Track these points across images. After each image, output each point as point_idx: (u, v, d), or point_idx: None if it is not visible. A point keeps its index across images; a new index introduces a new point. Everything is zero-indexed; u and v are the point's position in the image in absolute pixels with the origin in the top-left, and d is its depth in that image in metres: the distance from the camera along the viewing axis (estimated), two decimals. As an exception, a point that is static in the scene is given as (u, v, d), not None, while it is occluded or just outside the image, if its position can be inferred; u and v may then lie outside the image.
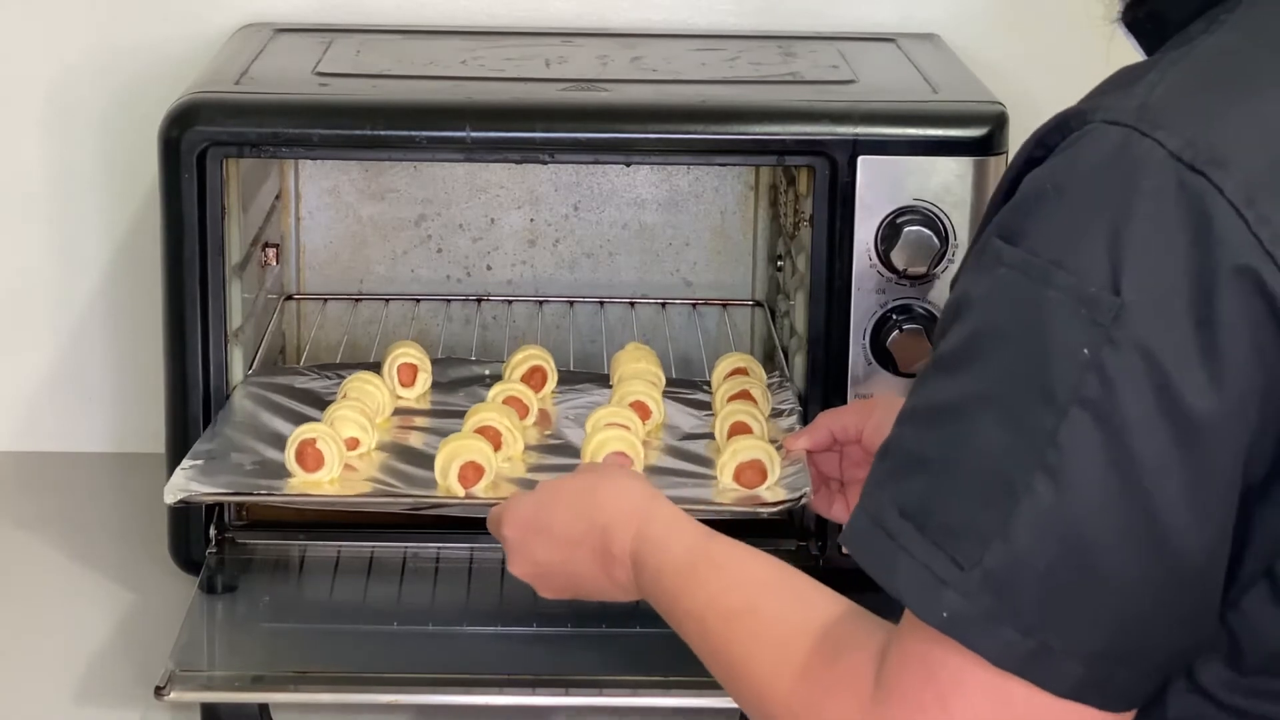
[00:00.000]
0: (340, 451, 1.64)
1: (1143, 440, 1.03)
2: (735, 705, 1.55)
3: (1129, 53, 1.28)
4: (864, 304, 1.72)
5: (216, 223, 1.72)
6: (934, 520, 1.08)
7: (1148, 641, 1.07)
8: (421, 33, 2.04)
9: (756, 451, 1.63)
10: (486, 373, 1.90)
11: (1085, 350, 1.04)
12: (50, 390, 2.13)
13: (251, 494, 1.63)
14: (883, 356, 1.72)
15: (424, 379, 1.85)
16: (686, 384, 1.89)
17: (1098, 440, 1.04)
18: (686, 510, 1.48)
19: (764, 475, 1.62)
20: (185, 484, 1.61)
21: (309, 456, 1.63)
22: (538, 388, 1.83)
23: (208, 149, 1.70)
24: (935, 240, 1.70)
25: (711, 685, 1.53)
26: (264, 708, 1.59)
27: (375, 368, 1.86)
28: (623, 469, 1.49)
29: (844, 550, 1.15)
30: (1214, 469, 1.04)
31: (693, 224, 2.11)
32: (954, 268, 1.70)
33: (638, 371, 1.84)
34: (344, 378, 1.82)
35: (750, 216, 2.11)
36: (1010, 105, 1.74)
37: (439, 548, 1.78)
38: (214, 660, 1.63)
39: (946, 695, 1.08)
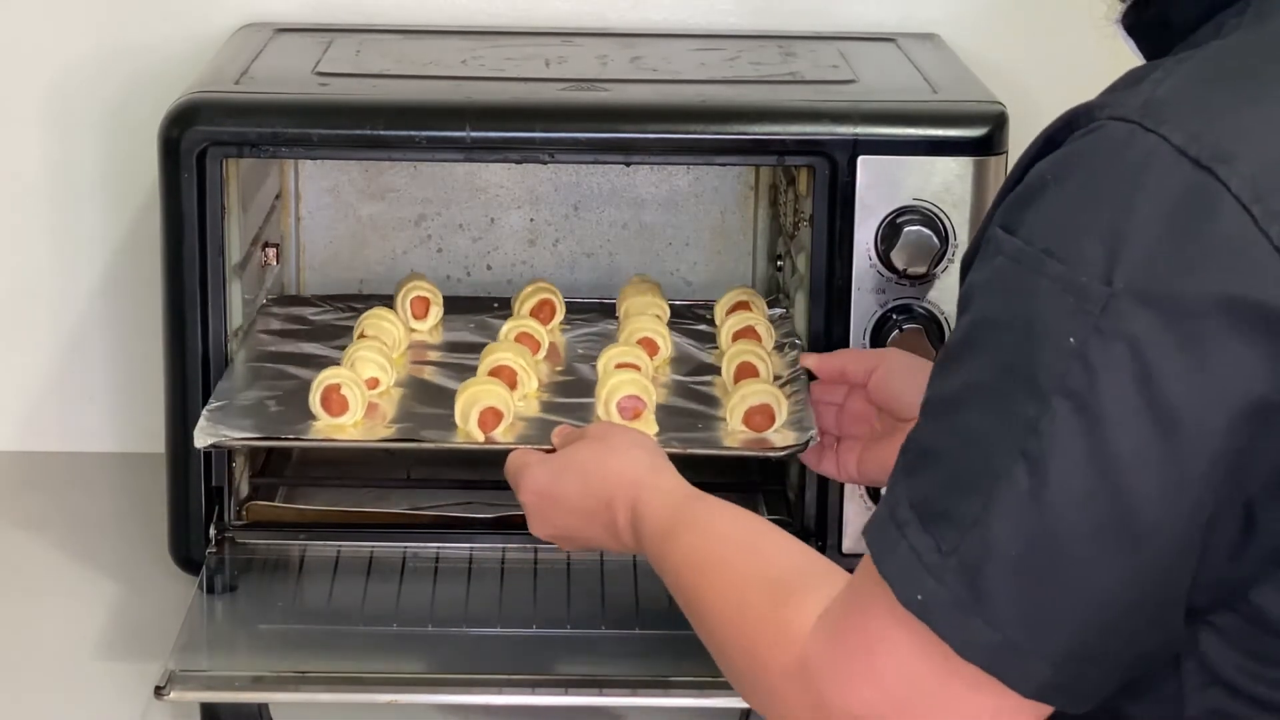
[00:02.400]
0: (363, 395, 1.69)
1: (1122, 432, 1.03)
2: (735, 706, 1.56)
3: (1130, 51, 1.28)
4: (864, 304, 1.72)
5: (216, 223, 1.72)
6: (930, 508, 1.08)
7: (1116, 642, 1.07)
8: (421, 33, 2.04)
9: (765, 396, 1.67)
10: (495, 304, 1.98)
11: (1071, 339, 1.03)
12: (50, 390, 2.13)
13: (279, 438, 1.68)
14: (883, 356, 1.72)
15: (435, 312, 1.92)
16: (690, 315, 1.95)
17: (1077, 430, 1.03)
18: (697, 454, 1.64)
19: (772, 419, 1.66)
20: (213, 428, 1.65)
21: (334, 402, 1.68)
22: (546, 320, 1.89)
23: (208, 149, 1.70)
24: (935, 240, 1.69)
25: (711, 686, 1.54)
26: (264, 708, 1.59)
27: (388, 301, 1.92)
28: (632, 437, 1.53)
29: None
30: (1192, 467, 1.04)
31: (693, 224, 2.11)
32: (954, 267, 1.71)
33: (643, 304, 1.90)
34: (357, 310, 1.89)
35: (750, 216, 2.11)
36: (1010, 105, 1.74)
37: (439, 548, 1.78)
38: (214, 660, 1.63)
39: (875, 646, 1.09)
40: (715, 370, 1.81)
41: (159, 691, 1.54)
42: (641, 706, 1.59)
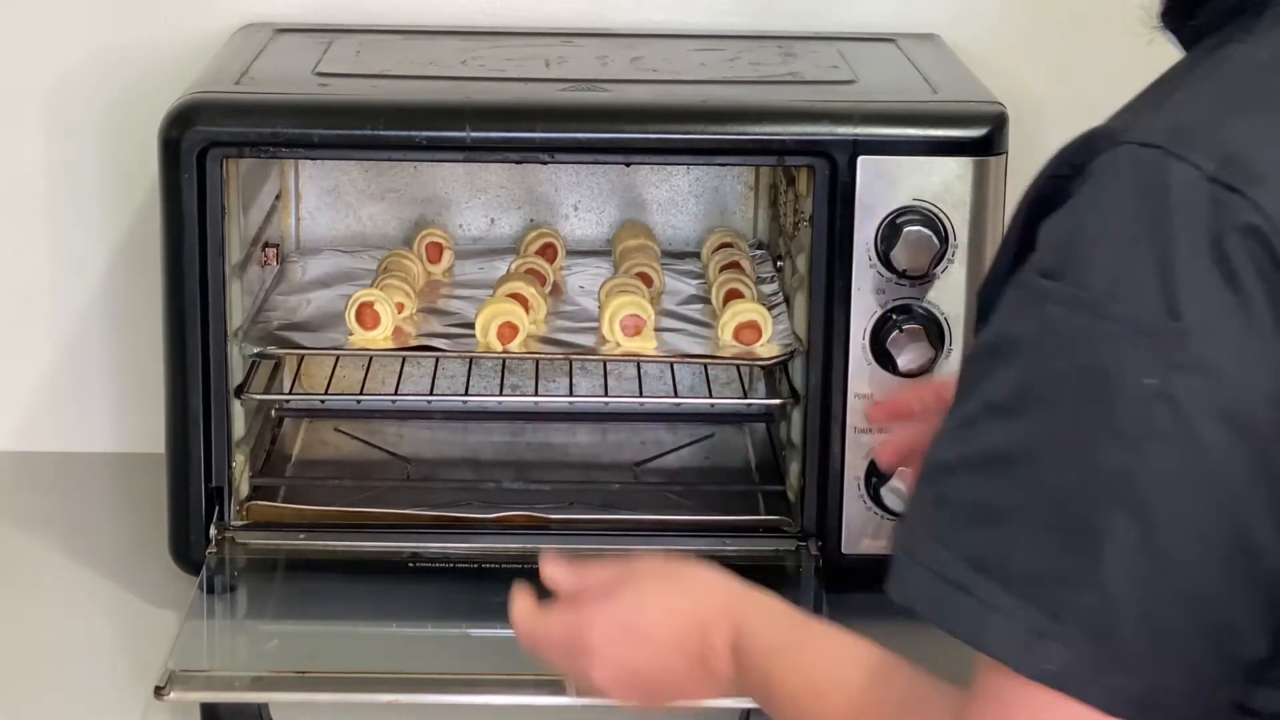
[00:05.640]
0: (393, 312, 1.85)
1: (1222, 461, 1.03)
2: (735, 706, 1.55)
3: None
4: (864, 304, 1.72)
5: (216, 223, 1.72)
6: (1015, 571, 1.06)
7: (1242, 660, 1.07)
8: (421, 33, 2.04)
9: (753, 313, 1.84)
10: (501, 253, 2.08)
11: (1150, 380, 1.02)
12: (50, 390, 2.13)
13: (322, 349, 1.86)
14: (883, 357, 1.72)
15: (448, 256, 2.05)
16: (679, 256, 2.08)
17: (1176, 469, 1.03)
18: (694, 362, 1.89)
19: (759, 333, 1.84)
20: (260, 343, 1.81)
21: (367, 316, 1.83)
22: (550, 261, 2.03)
23: (208, 149, 1.70)
24: (935, 240, 1.69)
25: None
26: (264, 708, 1.59)
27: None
28: (689, 563, 1.38)
29: (894, 599, 1.13)
30: None
31: (693, 224, 2.11)
32: (954, 268, 1.71)
33: (638, 245, 2.02)
34: (375, 259, 2.01)
35: (750, 216, 2.11)
36: (1010, 105, 1.74)
37: (439, 548, 1.78)
38: (214, 660, 1.63)
39: None
40: (705, 300, 1.95)
41: (159, 691, 1.54)
42: (641, 706, 1.59)
